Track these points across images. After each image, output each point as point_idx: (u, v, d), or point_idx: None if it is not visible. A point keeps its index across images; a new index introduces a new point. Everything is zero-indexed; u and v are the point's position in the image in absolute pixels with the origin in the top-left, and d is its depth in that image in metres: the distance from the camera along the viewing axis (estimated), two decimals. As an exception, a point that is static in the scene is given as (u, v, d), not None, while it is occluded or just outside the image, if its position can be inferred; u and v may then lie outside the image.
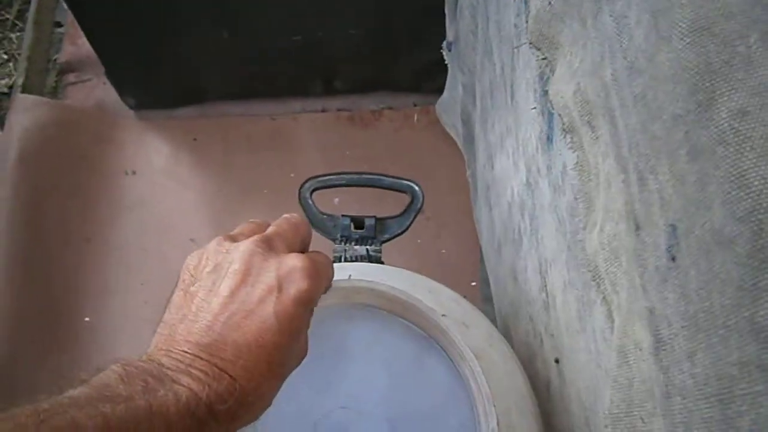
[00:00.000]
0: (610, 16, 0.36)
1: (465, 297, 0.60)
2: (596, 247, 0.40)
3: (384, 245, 0.66)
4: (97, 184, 1.17)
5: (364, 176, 0.67)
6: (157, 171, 1.19)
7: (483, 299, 1.00)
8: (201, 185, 1.18)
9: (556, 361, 0.56)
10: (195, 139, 1.22)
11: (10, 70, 1.30)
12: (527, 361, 0.63)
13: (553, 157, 0.53)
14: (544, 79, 0.52)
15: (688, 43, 0.30)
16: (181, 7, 1.05)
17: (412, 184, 0.67)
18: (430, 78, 1.19)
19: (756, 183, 0.27)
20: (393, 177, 0.67)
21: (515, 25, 0.63)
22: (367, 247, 0.64)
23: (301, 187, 0.67)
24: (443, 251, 1.11)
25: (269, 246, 0.37)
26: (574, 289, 0.49)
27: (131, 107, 1.23)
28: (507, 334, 0.74)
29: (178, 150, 1.21)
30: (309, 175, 0.69)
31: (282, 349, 0.34)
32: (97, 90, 1.26)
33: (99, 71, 1.24)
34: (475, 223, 1.03)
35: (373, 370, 0.50)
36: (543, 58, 0.48)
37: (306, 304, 0.35)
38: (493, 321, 0.65)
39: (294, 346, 0.35)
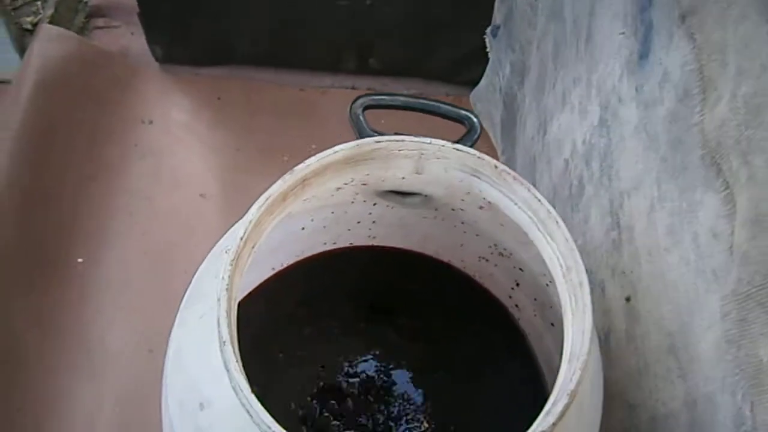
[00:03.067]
0: None
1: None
2: (723, 117, 0.36)
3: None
4: (111, 126, 1.11)
5: (421, 100, 0.63)
6: (175, 124, 1.14)
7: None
8: (219, 143, 1.13)
9: (627, 299, 0.51)
10: (219, 98, 1.18)
11: (38, 9, 1.26)
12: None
13: (647, 74, 0.49)
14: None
15: None
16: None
17: (470, 115, 0.63)
18: (466, 69, 1.17)
19: None
20: (451, 105, 0.63)
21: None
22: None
23: (353, 103, 0.63)
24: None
25: None
26: (667, 202, 0.45)
27: (157, 59, 1.19)
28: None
29: (199, 106, 1.17)
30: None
31: None
32: (124, 38, 1.22)
33: (129, 20, 1.21)
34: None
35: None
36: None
37: None
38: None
39: None
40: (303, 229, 0.64)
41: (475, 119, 0.63)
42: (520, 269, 0.62)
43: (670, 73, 0.44)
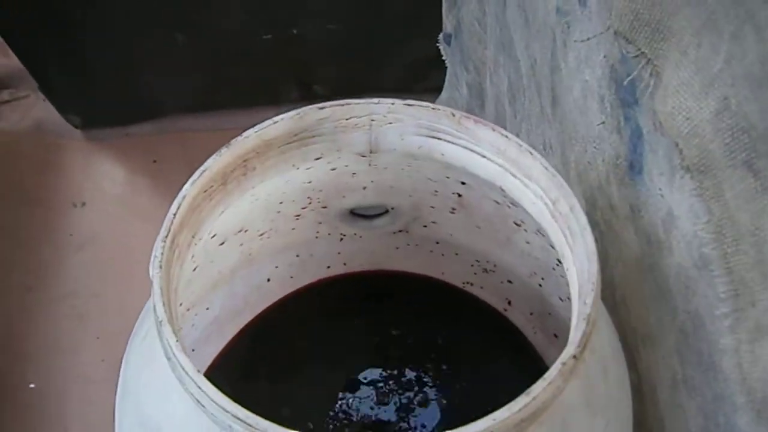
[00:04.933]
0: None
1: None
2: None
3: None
4: (40, 220, 0.99)
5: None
6: (110, 201, 1.02)
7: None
8: (162, 216, 1.00)
9: None
10: (154, 161, 1.05)
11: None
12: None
13: (643, 196, 0.36)
14: (624, 84, 0.36)
15: None
16: (124, 6, 0.88)
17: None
18: (423, 77, 1.03)
19: None
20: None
21: (558, 10, 0.46)
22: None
23: None
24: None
25: None
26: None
27: (77, 126, 1.05)
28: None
29: (134, 174, 1.04)
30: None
31: None
32: (36, 108, 1.08)
33: (36, 86, 1.07)
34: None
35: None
36: (636, 55, 0.32)
37: None
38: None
39: None
40: (269, 281, 0.60)
41: None
42: (509, 281, 0.57)
43: (677, 219, 0.32)
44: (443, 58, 0.94)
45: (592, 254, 0.35)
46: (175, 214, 0.42)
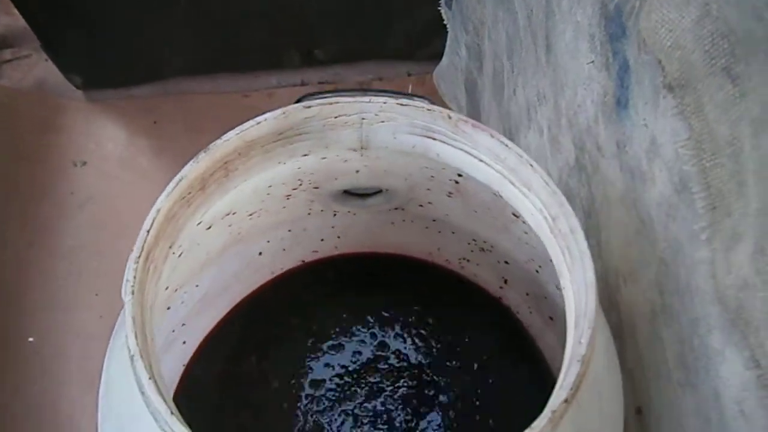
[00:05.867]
0: None
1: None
2: (745, 276, 0.24)
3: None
4: (40, 179, 0.99)
5: (369, 93, 0.52)
6: (111, 160, 1.02)
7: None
8: (162, 175, 1.00)
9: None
10: (155, 122, 1.05)
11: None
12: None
13: (629, 129, 0.37)
14: (611, 11, 0.36)
15: None
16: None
17: (423, 100, 0.53)
18: (425, 42, 1.03)
19: None
20: (403, 94, 0.52)
21: (553, -46, 0.46)
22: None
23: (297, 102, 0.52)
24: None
25: None
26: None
27: (78, 86, 1.05)
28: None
29: (135, 135, 1.04)
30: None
31: None
32: (38, 68, 1.09)
33: (39, 45, 1.07)
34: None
35: None
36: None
37: None
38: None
39: None
40: (260, 254, 0.58)
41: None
42: (506, 262, 0.55)
43: (660, 147, 0.32)
44: (445, 22, 0.93)
45: (591, 284, 0.33)
46: (148, 231, 0.39)
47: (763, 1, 0.22)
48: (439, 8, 0.93)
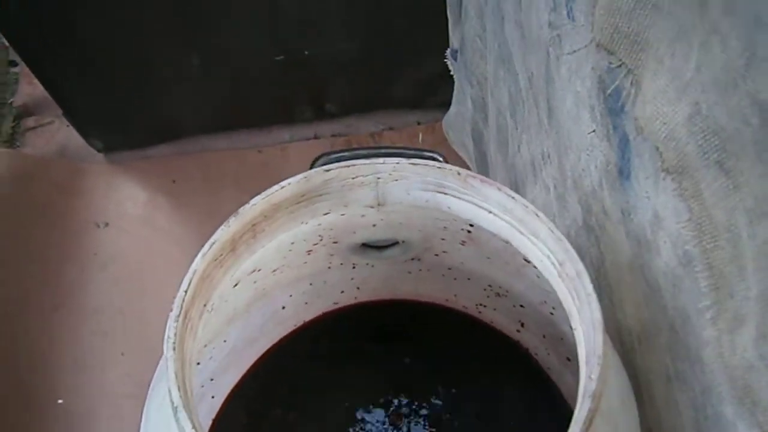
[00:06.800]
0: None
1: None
2: (750, 358, 0.26)
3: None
4: (64, 241, 1.02)
5: (382, 150, 0.54)
6: (132, 220, 1.05)
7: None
8: (182, 233, 1.03)
9: None
10: (174, 181, 1.08)
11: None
12: None
13: (632, 199, 0.38)
14: (609, 93, 0.38)
15: None
16: (142, 33, 0.91)
17: (435, 155, 0.55)
18: (433, 92, 1.05)
19: None
20: (415, 149, 0.55)
21: (550, 24, 0.48)
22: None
23: (311, 165, 0.55)
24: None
25: None
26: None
27: (99, 150, 1.09)
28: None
29: (155, 195, 1.07)
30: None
31: None
32: (60, 133, 1.12)
33: (60, 112, 1.11)
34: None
35: None
36: (618, 65, 0.34)
37: None
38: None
39: None
40: (284, 308, 0.60)
41: (440, 158, 0.57)
42: (521, 305, 0.57)
43: (663, 220, 0.33)
44: (451, 72, 0.96)
45: (597, 323, 0.35)
46: (186, 291, 0.41)
47: (749, 106, 0.23)
48: (445, 60, 0.96)
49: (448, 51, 0.94)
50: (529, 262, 0.48)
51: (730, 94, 0.24)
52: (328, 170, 0.47)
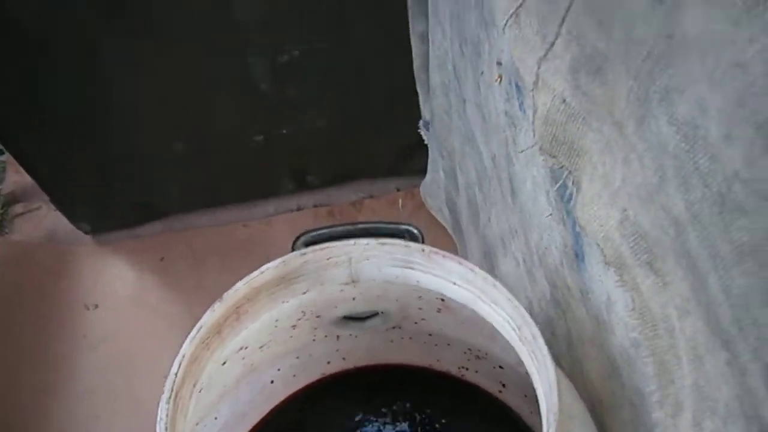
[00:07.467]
0: (670, 123, 0.25)
1: None
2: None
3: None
4: (54, 324, 1.03)
5: (359, 226, 0.57)
6: (122, 300, 1.07)
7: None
8: (171, 310, 1.05)
9: None
10: (162, 259, 1.10)
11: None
12: None
13: (587, 281, 0.41)
14: (558, 187, 0.41)
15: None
16: (124, 124, 0.94)
17: (410, 228, 0.58)
18: (410, 159, 1.09)
19: None
20: (390, 223, 0.58)
21: (506, 113, 0.52)
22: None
23: (294, 243, 0.57)
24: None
25: None
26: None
27: (87, 232, 1.11)
28: None
29: (143, 273, 1.09)
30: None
31: None
32: (48, 218, 1.15)
33: (48, 198, 1.13)
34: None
35: None
36: (560, 167, 0.37)
37: None
38: None
39: None
40: (272, 382, 0.63)
41: (415, 230, 0.59)
42: (500, 367, 0.59)
43: (614, 304, 0.36)
44: (425, 142, 1.00)
45: (553, 384, 0.37)
46: (176, 374, 0.44)
47: (666, 218, 0.26)
48: (419, 130, 1.00)
49: (421, 122, 0.98)
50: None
51: (650, 206, 0.27)
52: (303, 254, 0.50)
